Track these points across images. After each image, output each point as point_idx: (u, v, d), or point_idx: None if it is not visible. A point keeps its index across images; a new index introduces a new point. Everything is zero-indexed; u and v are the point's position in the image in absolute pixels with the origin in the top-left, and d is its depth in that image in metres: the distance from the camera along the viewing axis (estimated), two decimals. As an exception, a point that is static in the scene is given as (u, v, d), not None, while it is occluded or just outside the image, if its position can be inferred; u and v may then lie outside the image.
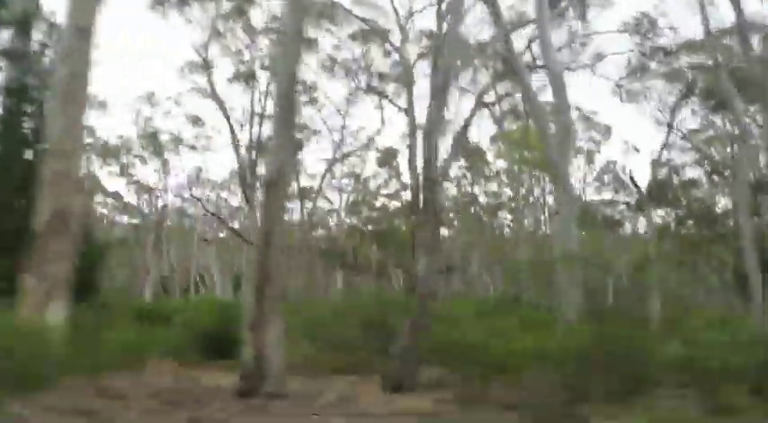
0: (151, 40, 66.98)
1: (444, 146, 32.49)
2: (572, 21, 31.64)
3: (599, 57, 30.90)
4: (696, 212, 31.18)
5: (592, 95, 66.13)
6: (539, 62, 31.71)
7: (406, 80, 31.50)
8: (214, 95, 35.89)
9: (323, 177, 36.95)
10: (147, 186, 51.66)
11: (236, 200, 51.74)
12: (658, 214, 37.57)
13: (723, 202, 34.40)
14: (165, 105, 41.40)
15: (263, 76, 37.52)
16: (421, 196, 30.26)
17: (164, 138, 41.42)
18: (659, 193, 35.33)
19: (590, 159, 49.78)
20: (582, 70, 32.06)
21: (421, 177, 30.43)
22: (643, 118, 37.04)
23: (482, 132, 53.72)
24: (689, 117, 34.05)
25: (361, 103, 37.78)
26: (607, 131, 49.08)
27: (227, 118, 36.27)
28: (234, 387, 11.38)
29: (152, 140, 39.90)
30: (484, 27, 29.31)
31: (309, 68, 37.68)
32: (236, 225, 47.43)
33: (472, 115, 30.15)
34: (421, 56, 32.46)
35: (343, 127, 37.00)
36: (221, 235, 57.08)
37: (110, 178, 48.13)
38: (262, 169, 39.08)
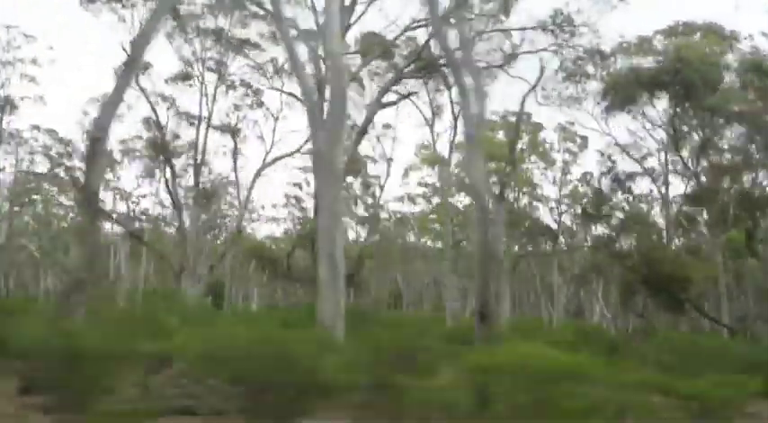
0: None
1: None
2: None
3: (512, 56, 29.04)
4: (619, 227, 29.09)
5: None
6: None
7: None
8: (146, 97, 35.34)
9: (252, 182, 35.90)
10: (123, 192, 51.39)
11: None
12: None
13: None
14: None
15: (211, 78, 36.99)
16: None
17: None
18: (596, 205, 33.39)
19: (566, 171, 47.77)
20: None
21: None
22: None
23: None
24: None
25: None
26: (584, 142, 47.14)
27: (158, 122, 35.73)
28: None
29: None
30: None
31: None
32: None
33: (371, 116, 28.92)
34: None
35: (274, 130, 35.96)
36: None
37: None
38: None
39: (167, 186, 35.42)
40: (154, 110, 35.36)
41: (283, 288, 40.98)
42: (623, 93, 24.46)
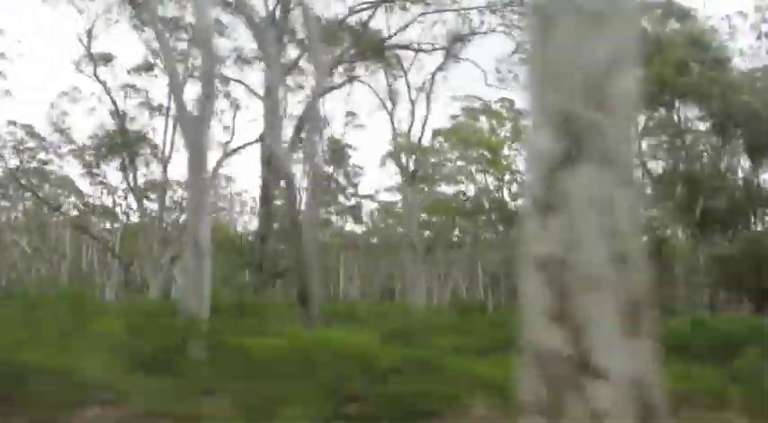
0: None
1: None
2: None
3: (457, 38, 28.26)
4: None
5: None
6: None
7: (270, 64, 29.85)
8: (106, 90, 35.29)
9: (215, 171, 35.41)
10: (111, 187, 51.28)
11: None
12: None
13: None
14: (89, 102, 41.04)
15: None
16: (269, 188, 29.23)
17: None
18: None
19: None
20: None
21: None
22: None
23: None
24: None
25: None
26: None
27: (117, 115, 35.66)
28: None
29: (64, 137, 39.55)
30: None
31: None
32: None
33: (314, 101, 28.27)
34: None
35: (234, 118, 35.58)
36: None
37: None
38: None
39: (126, 176, 35.44)
40: (113, 101, 35.33)
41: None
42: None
